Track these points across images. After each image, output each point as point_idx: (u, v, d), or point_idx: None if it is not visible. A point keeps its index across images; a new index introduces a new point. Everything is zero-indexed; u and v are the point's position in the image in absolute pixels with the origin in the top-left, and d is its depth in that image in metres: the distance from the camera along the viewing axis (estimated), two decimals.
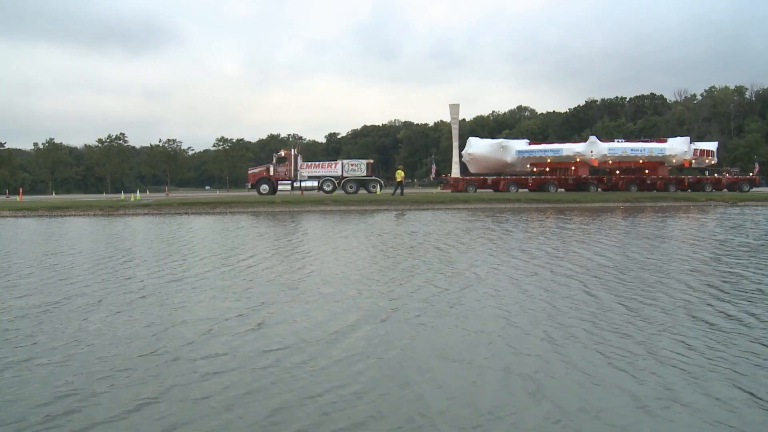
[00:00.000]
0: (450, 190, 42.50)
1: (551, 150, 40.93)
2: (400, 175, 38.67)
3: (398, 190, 37.39)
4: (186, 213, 30.38)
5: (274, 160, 40.72)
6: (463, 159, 45.04)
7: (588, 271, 10.14)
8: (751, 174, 45.00)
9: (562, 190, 42.32)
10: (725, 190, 41.40)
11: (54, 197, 62.20)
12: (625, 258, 11.78)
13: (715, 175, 43.48)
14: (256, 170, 41.85)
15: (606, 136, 74.46)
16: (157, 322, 6.97)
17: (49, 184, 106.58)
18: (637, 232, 17.55)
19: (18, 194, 53.42)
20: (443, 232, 17.89)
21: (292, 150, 41.41)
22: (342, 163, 40.88)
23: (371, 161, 42.68)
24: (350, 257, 12.41)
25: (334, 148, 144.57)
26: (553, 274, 9.94)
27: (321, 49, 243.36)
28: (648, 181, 41.76)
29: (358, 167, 40.46)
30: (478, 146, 42.98)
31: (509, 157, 41.42)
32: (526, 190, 41.67)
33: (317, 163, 42.01)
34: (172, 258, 12.70)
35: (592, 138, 40.50)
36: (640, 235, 16.33)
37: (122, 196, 48.18)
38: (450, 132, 54.16)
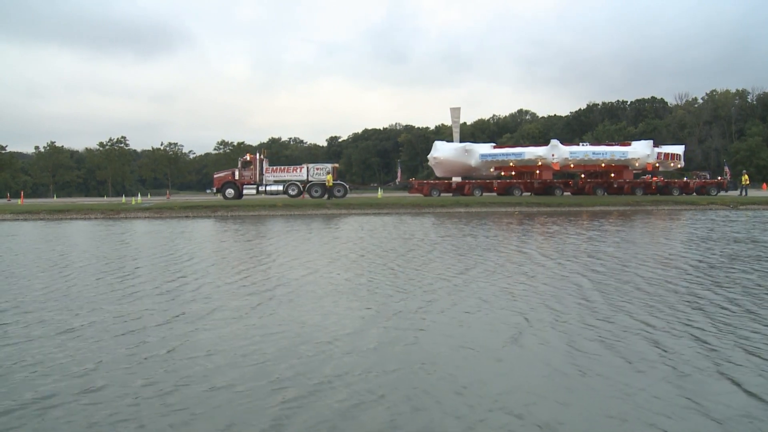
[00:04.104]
0: (416, 194, 42.57)
1: (513, 154, 40.70)
2: (329, 180, 39.42)
3: (326, 195, 39.14)
4: (187, 216, 30.30)
5: (240, 165, 41.25)
6: (429, 163, 45.04)
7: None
8: (719, 178, 44.66)
9: (528, 194, 42.11)
10: (694, 193, 41.01)
11: (55, 200, 63.34)
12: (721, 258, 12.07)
13: (684, 179, 43.09)
14: (221, 174, 42.54)
15: (607, 140, 73.92)
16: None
17: (51, 188, 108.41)
18: (699, 235, 17.50)
19: (19, 197, 54.56)
20: (493, 235, 18.14)
21: (258, 154, 41.86)
22: (307, 168, 41.21)
23: (336, 165, 42.92)
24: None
25: (335, 151, 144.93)
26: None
27: (331, 52, 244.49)
28: (615, 185, 41.45)
29: (323, 171, 40.82)
30: (443, 150, 42.87)
31: (473, 161, 41.29)
32: (494, 193, 41.50)
33: (283, 167, 42.30)
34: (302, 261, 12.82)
35: (554, 141, 40.21)
36: (703, 238, 16.41)
37: (123, 199, 49.06)
38: (451, 136, 53.99)
